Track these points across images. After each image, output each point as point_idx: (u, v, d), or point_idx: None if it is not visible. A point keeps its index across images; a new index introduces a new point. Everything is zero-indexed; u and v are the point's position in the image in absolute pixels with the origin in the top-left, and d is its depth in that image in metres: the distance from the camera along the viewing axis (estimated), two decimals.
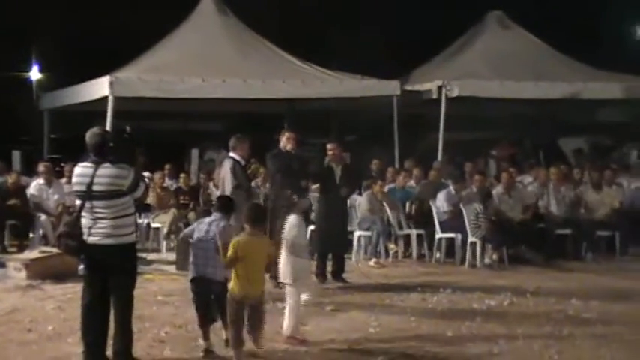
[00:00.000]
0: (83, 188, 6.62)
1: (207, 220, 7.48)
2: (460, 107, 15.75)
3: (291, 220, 7.76)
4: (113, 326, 6.75)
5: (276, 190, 10.45)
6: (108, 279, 6.69)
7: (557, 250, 12.95)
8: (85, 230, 6.63)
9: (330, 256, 11.15)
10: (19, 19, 20.99)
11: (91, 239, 6.62)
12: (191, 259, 7.33)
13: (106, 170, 6.60)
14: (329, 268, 11.08)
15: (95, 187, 6.57)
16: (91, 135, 6.72)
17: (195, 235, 7.36)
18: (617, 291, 10.28)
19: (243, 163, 10.32)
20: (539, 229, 12.98)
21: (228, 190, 9.99)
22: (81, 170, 6.71)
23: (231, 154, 10.27)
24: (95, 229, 6.61)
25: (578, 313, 9.04)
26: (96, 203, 6.59)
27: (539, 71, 16.32)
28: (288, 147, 10.67)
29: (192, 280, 7.32)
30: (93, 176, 6.58)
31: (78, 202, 6.79)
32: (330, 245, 11.07)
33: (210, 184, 14.78)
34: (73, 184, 6.83)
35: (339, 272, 11.06)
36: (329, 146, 11.25)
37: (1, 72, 22.42)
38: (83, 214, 6.64)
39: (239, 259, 6.83)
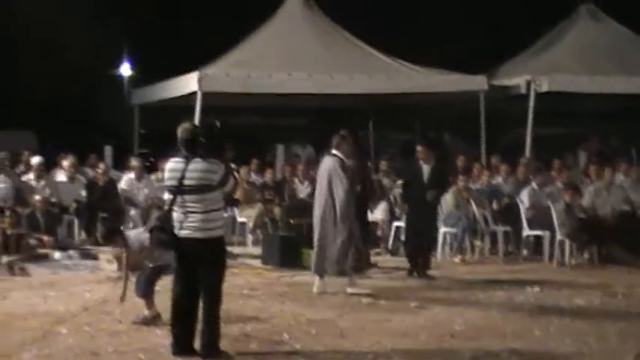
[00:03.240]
0: (175, 183, 6.70)
1: None
2: (547, 102, 15.42)
3: None
4: (201, 319, 6.79)
5: None
6: (197, 272, 6.75)
7: None
8: (176, 224, 6.71)
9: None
10: (111, 18, 21.41)
11: (182, 233, 6.69)
12: None
13: (197, 165, 6.66)
14: None
15: (186, 182, 6.65)
16: (182, 130, 6.79)
17: None
18: None
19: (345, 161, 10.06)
20: (632, 228, 12.61)
21: (339, 194, 9.59)
22: (173, 165, 6.80)
23: (335, 152, 9.84)
24: (186, 222, 6.68)
25: None
26: (187, 197, 6.67)
27: (631, 65, 15.85)
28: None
29: None
30: (184, 171, 6.65)
31: (169, 197, 6.88)
32: (418, 242, 11.10)
33: (295, 180, 14.82)
34: (166, 178, 6.91)
35: (424, 269, 11.00)
36: (418, 148, 11.26)
37: (94, 70, 22.91)
38: (174, 208, 6.73)
39: None
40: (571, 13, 17.53)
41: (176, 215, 6.73)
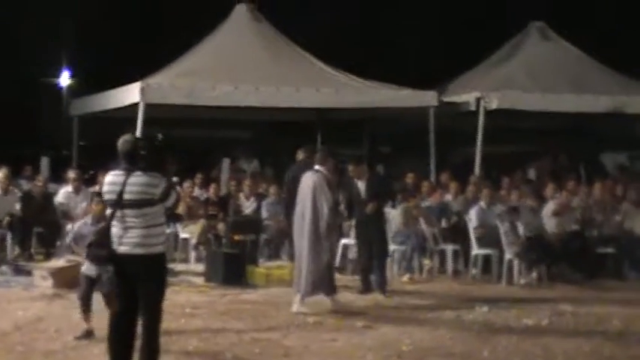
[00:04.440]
0: (114, 197, 6.51)
1: None
2: (497, 119, 15.46)
3: None
4: (140, 338, 6.58)
5: None
6: (137, 289, 6.55)
7: (599, 269, 12.68)
8: (114, 239, 6.50)
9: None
10: (50, 25, 20.98)
11: (121, 249, 6.49)
12: None
13: (138, 178, 6.47)
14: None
15: (126, 196, 6.45)
16: (122, 142, 6.61)
17: None
18: None
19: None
20: (579, 247, 12.69)
21: (324, 211, 9.51)
22: (112, 178, 6.60)
23: (318, 168, 9.76)
24: (125, 238, 6.48)
25: (619, 335, 8.81)
26: (127, 212, 6.48)
27: (581, 84, 16.01)
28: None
29: None
30: (124, 184, 6.46)
31: (108, 211, 6.67)
32: (369, 259, 11.02)
33: (241, 195, 14.57)
34: (104, 192, 6.70)
35: (382, 285, 10.91)
36: (349, 167, 11.32)
37: (30, 77, 22.38)
38: (113, 222, 6.53)
39: None
40: (521, 30, 17.66)
41: (115, 230, 6.52)
